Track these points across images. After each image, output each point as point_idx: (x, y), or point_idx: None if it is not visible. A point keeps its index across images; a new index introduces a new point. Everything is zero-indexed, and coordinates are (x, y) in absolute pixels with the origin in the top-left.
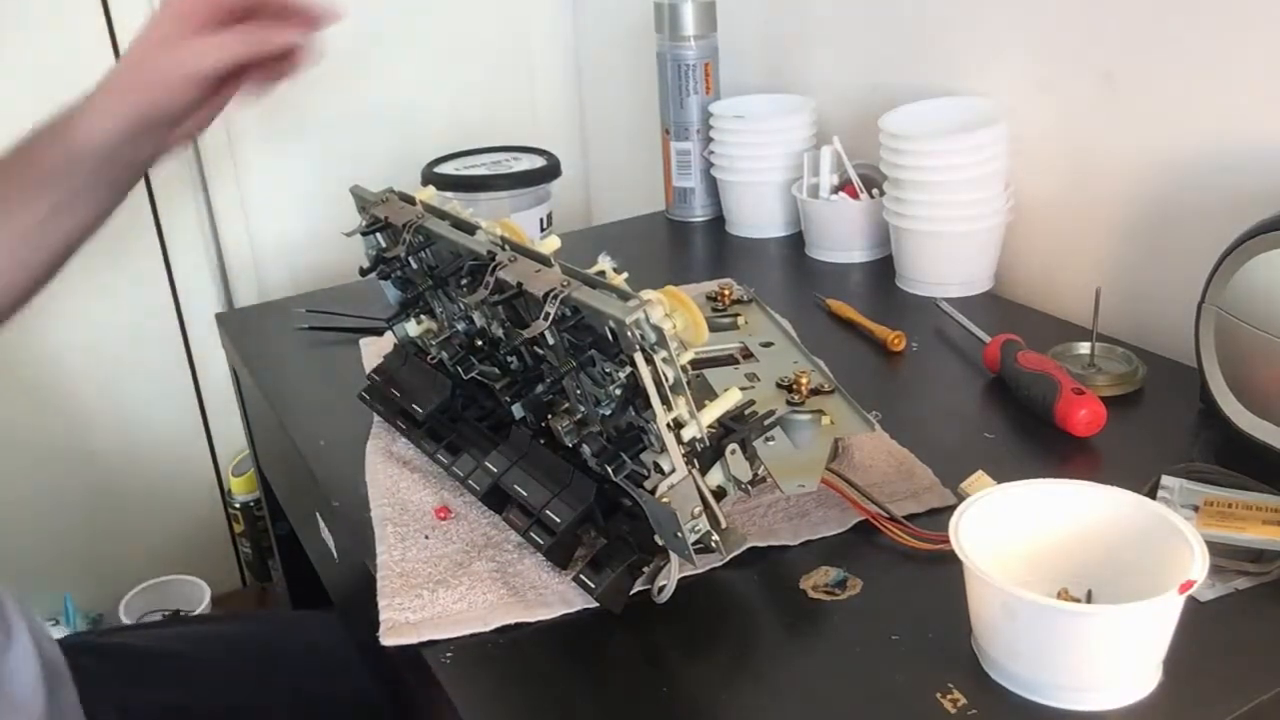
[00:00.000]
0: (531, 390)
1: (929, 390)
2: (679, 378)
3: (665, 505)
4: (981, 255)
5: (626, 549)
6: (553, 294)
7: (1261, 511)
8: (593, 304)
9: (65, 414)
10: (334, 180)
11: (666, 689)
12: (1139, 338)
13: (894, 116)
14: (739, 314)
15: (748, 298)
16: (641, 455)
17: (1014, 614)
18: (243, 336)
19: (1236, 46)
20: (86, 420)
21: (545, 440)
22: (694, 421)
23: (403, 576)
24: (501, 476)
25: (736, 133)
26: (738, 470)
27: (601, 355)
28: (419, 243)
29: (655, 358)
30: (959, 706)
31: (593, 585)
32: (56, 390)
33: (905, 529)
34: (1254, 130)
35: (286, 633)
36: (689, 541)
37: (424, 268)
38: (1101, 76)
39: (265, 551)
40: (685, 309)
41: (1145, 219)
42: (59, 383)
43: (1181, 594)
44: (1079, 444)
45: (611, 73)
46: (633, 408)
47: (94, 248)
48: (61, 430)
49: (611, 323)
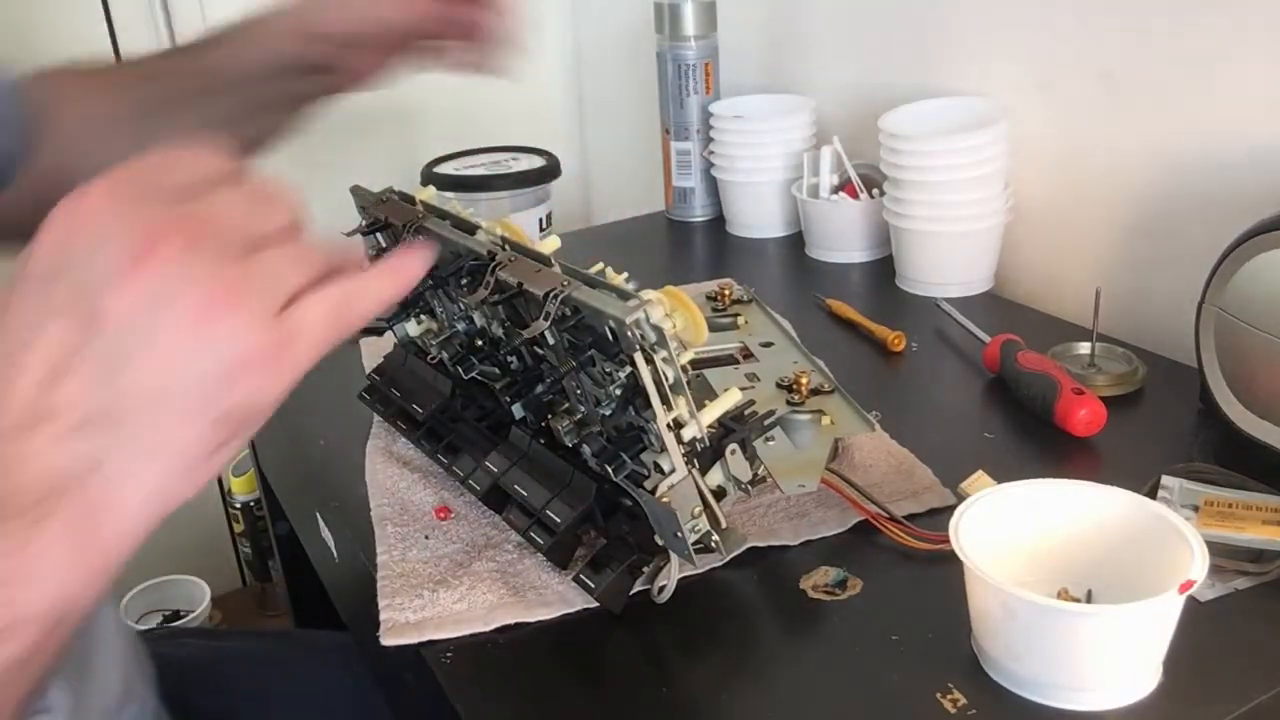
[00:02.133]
0: (531, 390)
1: (929, 390)
2: (679, 377)
3: (665, 505)
4: (981, 255)
5: (626, 549)
6: (553, 293)
7: (1261, 511)
8: (592, 304)
9: None
10: (333, 180)
11: (666, 689)
12: (1139, 338)
13: (894, 116)
14: (739, 314)
15: (747, 297)
16: (642, 455)
17: (1014, 614)
18: None
19: (1236, 46)
20: None
21: (545, 440)
22: (694, 421)
23: (403, 576)
24: (501, 476)
25: (736, 133)
26: (738, 470)
27: (601, 355)
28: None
29: (655, 357)
30: (959, 706)
31: (593, 585)
32: None
33: (905, 529)
34: (1254, 130)
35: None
36: (689, 541)
37: None
38: (1101, 76)
39: (265, 551)
40: (685, 309)
41: (1145, 219)
42: None
43: (1181, 594)
44: (1079, 444)
45: (611, 73)
46: (633, 407)
47: None
48: None
49: (611, 322)
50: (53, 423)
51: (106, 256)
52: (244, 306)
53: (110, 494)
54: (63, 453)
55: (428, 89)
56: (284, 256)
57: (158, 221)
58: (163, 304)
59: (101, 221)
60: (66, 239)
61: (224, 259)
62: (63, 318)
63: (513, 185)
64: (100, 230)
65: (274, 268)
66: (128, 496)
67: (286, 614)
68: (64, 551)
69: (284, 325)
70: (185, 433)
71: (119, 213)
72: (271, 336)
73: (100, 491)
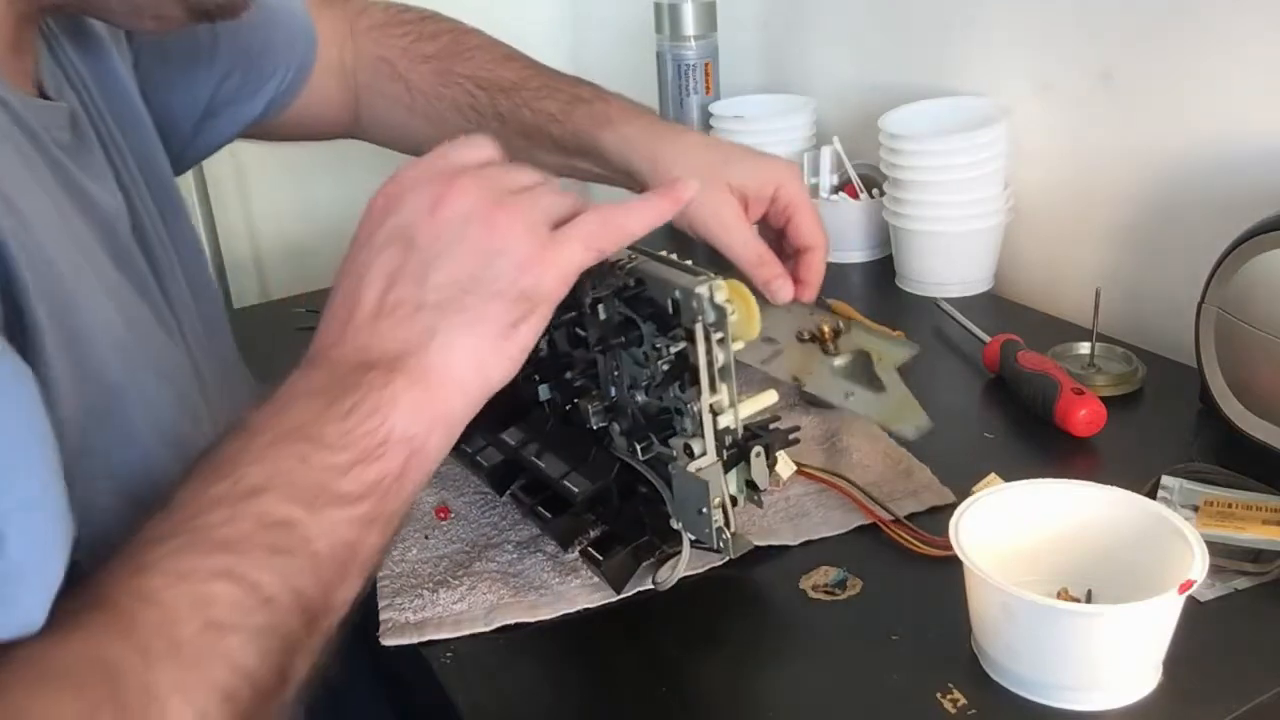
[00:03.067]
0: (560, 375)
1: (929, 390)
2: (728, 363)
3: (697, 476)
4: (981, 255)
5: (636, 532)
6: (620, 264)
7: (1261, 511)
8: (661, 275)
9: None
10: (334, 180)
11: (666, 689)
12: (1139, 338)
13: (894, 116)
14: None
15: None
16: (670, 440)
17: (1014, 614)
18: (243, 336)
19: (1236, 46)
20: None
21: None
22: (732, 410)
23: (403, 576)
24: (519, 449)
25: (736, 133)
26: (757, 474)
27: (654, 330)
28: None
29: (711, 337)
30: (959, 706)
31: (600, 559)
32: None
33: (912, 532)
34: (1254, 130)
35: None
36: (712, 520)
37: None
38: (1101, 76)
39: None
40: (743, 301)
41: (1145, 219)
42: None
43: (1181, 594)
44: (1079, 444)
45: (611, 73)
46: (679, 384)
47: None
48: None
49: (677, 293)
50: (394, 314)
51: (415, 203)
52: (520, 220)
53: (443, 356)
54: (405, 329)
55: None
56: (547, 192)
57: (453, 178)
58: (460, 223)
59: (412, 186)
60: (385, 204)
61: (504, 195)
62: (389, 247)
63: None
64: (412, 189)
65: (540, 200)
66: (454, 358)
67: None
68: (412, 395)
69: (554, 235)
70: (491, 307)
71: (425, 178)
72: (544, 240)
73: (436, 355)
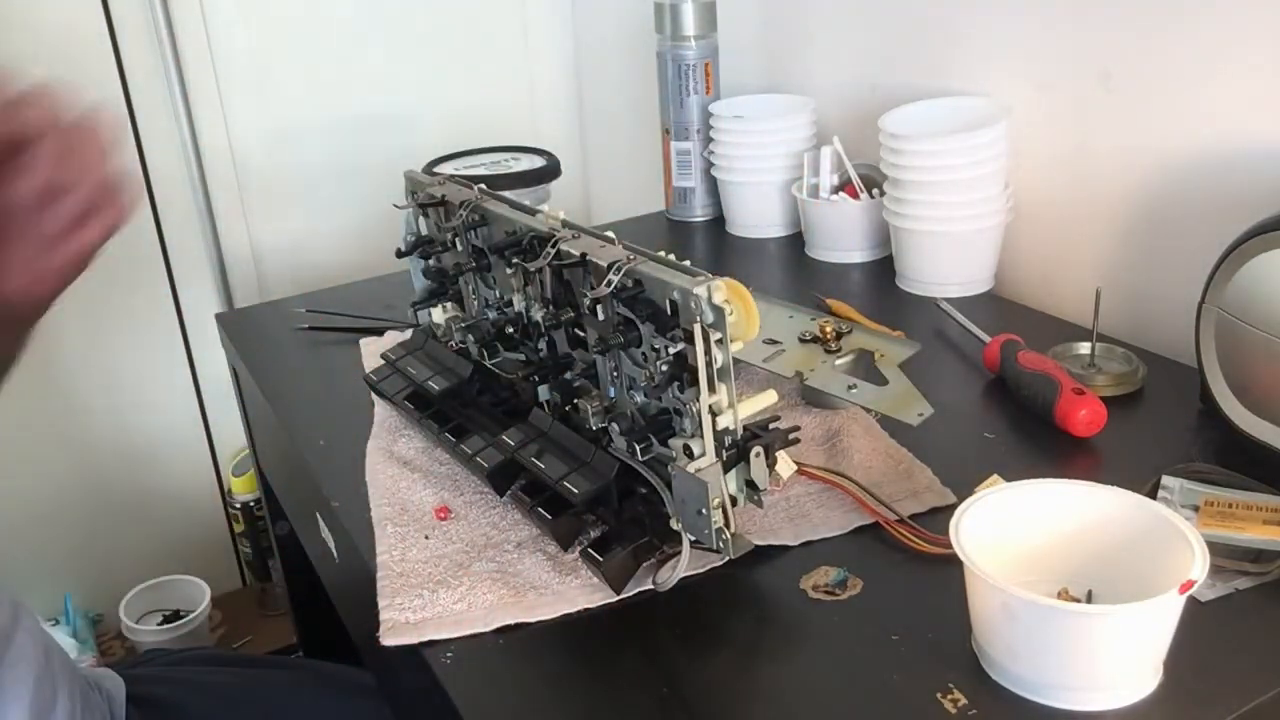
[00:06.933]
0: (559, 376)
1: (929, 390)
2: (727, 364)
3: (697, 477)
4: (981, 255)
5: (636, 533)
6: (617, 265)
7: (1261, 511)
8: (658, 276)
9: (66, 414)
10: (333, 180)
11: (666, 689)
12: (1139, 338)
13: (894, 116)
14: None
15: (848, 328)
16: (669, 441)
17: (1014, 614)
18: (242, 336)
19: (1235, 46)
20: (87, 420)
21: (565, 425)
22: (731, 411)
23: (403, 576)
24: (519, 450)
25: (736, 133)
26: (757, 474)
27: (653, 331)
28: (474, 220)
29: (710, 337)
30: (959, 706)
31: (599, 559)
32: (57, 391)
33: (914, 531)
34: (1254, 130)
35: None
36: (712, 520)
37: (469, 248)
38: (1100, 76)
39: (265, 551)
40: (742, 302)
41: (1145, 219)
42: (59, 383)
43: (1182, 594)
44: (1079, 444)
45: (611, 73)
46: (678, 384)
47: None
48: (62, 430)
49: (675, 293)
50: None
51: None
52: None
53: None
54: None
55: (428, 89)
56: None
57: None
58: None
59: None
60: None
61: None
62: None
63: (513, 185)
64: None
65: None
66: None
67: (287, 614)
68: None
69: None
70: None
71: None
72: None
73: None
